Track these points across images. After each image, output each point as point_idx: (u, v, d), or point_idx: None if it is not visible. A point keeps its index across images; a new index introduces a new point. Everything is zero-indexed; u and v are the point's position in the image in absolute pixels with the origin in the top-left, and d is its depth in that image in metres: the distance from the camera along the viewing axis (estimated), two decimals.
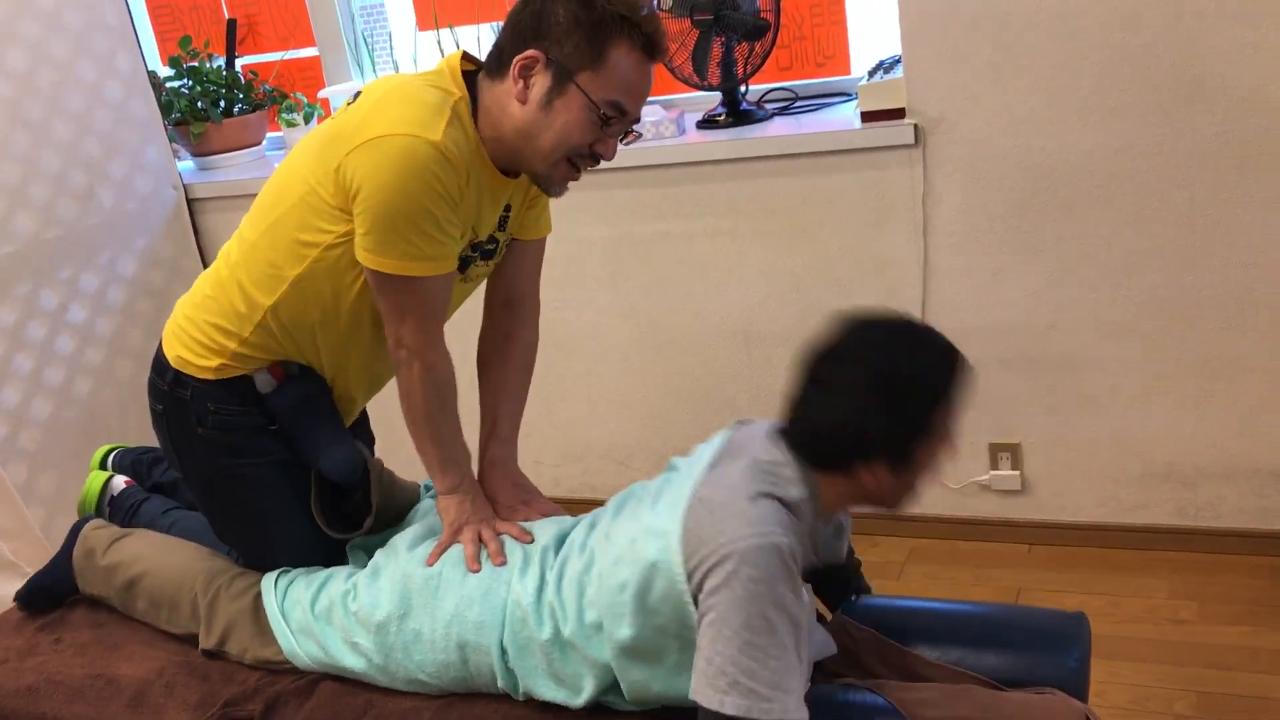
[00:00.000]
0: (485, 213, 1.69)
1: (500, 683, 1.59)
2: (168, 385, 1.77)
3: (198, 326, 1.74)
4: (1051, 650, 1.64)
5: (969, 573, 2.67)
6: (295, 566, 1.82)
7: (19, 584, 2.63)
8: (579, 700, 1.55)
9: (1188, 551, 2.59)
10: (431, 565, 1.67)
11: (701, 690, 1.35)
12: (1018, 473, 2.68)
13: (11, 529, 2.69)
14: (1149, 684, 2.22)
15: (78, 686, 1.80)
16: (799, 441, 1.47)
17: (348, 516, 1.84)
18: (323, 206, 1.61)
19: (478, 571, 1.64)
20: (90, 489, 2.15)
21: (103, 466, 2.21)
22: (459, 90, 1.60)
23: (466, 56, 1.67)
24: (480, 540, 1.69)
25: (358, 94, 1.65)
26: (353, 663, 1.67)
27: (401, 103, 1.56)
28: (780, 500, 1.41)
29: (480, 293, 1.93)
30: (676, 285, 2.83)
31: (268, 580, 1.79)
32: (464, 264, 1.72)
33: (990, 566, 2.68)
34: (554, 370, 3.05)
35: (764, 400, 2.86)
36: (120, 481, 2.15)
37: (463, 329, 1.97)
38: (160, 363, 1.80)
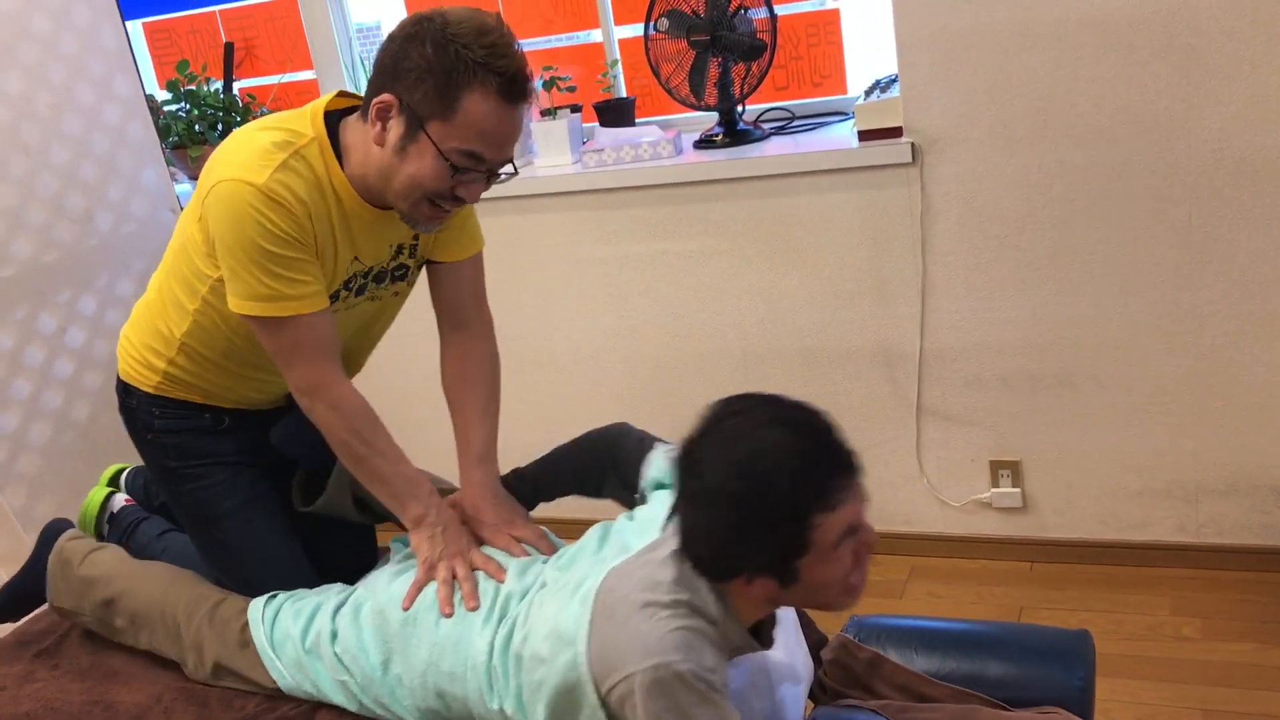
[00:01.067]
0: (362, 243, 1.67)
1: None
2: (120, 397, 1.88)
3: (134, 345, 1.83)
4: (1055, 669, 1.63)
5: (971, 591, 2.66)
6: (263, 570, 1.79)
7: None
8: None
9: (1190, 568, 2.58)
10: (406, 608, 1.63)
11: None
12: (1019, 490, 2.68)
13: (9, 554, 2.68)
14: (1154, 702, 2.21)
15: (75, 713, 1.78)
16: (690, 557, 1.38)
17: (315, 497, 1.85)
18: (197, 250, 1.65)
19: (450, 615, 1.60)
20: (91, 502, 2.14)
21: (113, 483, 2.20)
22: (311, 131, 1.60)
23: (343, 93, 1.68)
24: (455, 578, 1.64)
25: None
26: (344, 701, 1.66)
27: (235, 149, 1.58)
28: (690, 607, 1.35)
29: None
30: (674, 305, 2.83)
31: (254, 611, 1.75)
32: (358, 290, 1.72)
33: (992, 584, 2.67)
34: (551, 390, 3.05)
35: None
36: (121, 499, 2.14)
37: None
38: (117, 377, 1.89)
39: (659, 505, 1.59)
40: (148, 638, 1.85)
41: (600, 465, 1.82)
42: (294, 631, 1.71)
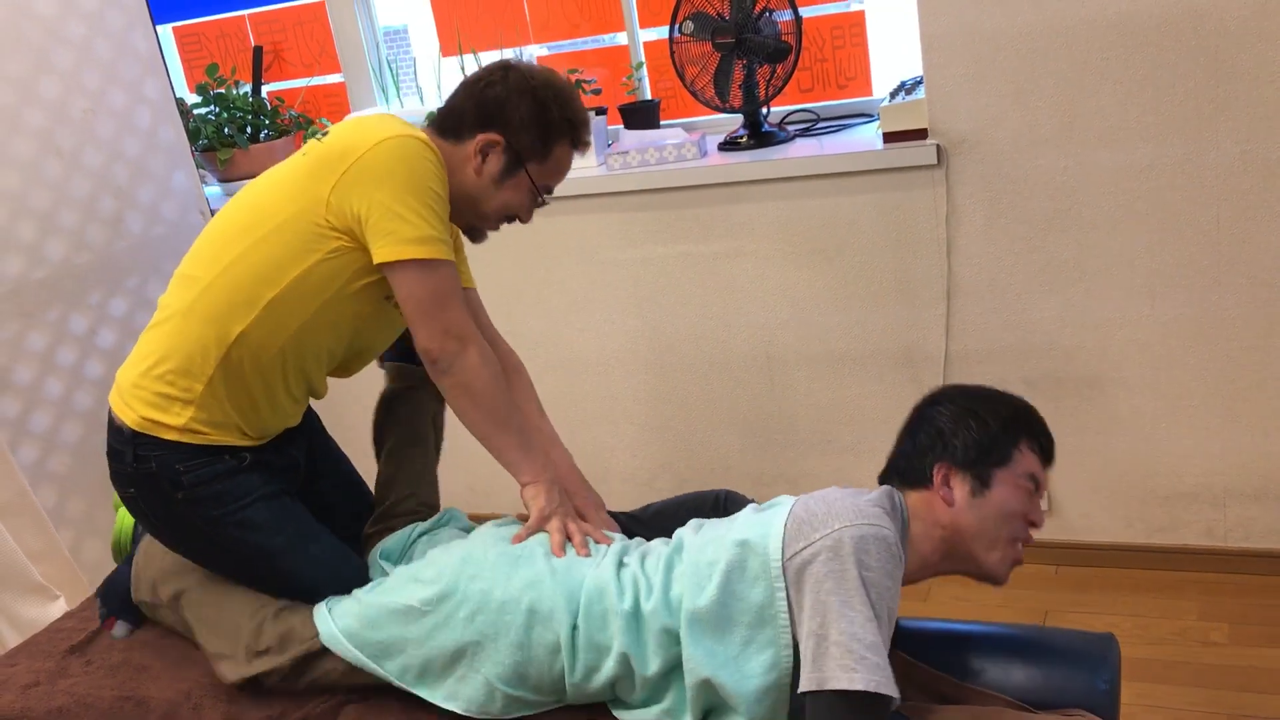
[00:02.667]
0: None
1: (560, 660, 1.59)
2: (131, 463, 1.74)
3: (146, 389, 1.72)
4: (1081, 672, 1.62)
5: (996, 594, 2.65)
6: (334, 587, 1.79)
7: (49, 606, 2.66)
8: (645, 671, 1.56)
9: (1218, 572, 2.57)
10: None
11: (831, 674, 1.36)
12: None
13: (42, 552, 2.72)
14: (1181, 707, 2.19)
15: (107, 709, 1.81)
16: (894, 465, 1.66)
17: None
18: (311, 229, 1.67)
19: (561, 557, 1.68)
20: (123, 526, 2.14)
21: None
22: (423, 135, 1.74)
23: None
24: (566, 532, 1.74)
25: (325, 133, 1.81)
26: (412, 597, 1.65)
27: (382, 121, 1.72)
28: (889, 511, 1.52)
29: None
30: (699, 307, 2.83)
31: (320, 611, 1.75)
32: None
33: (1017, 588, 2.66)
34: (576, 392, 3.06)
35: (787, 421, 2.85)
36: None
37: None
38: (119, 436, 1.75)
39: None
40: (206, 634, 1.83)
41: (708, 513, 1.88)
42: (359, 596, 1.74)
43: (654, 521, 1.91)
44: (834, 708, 1.36)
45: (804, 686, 1.39)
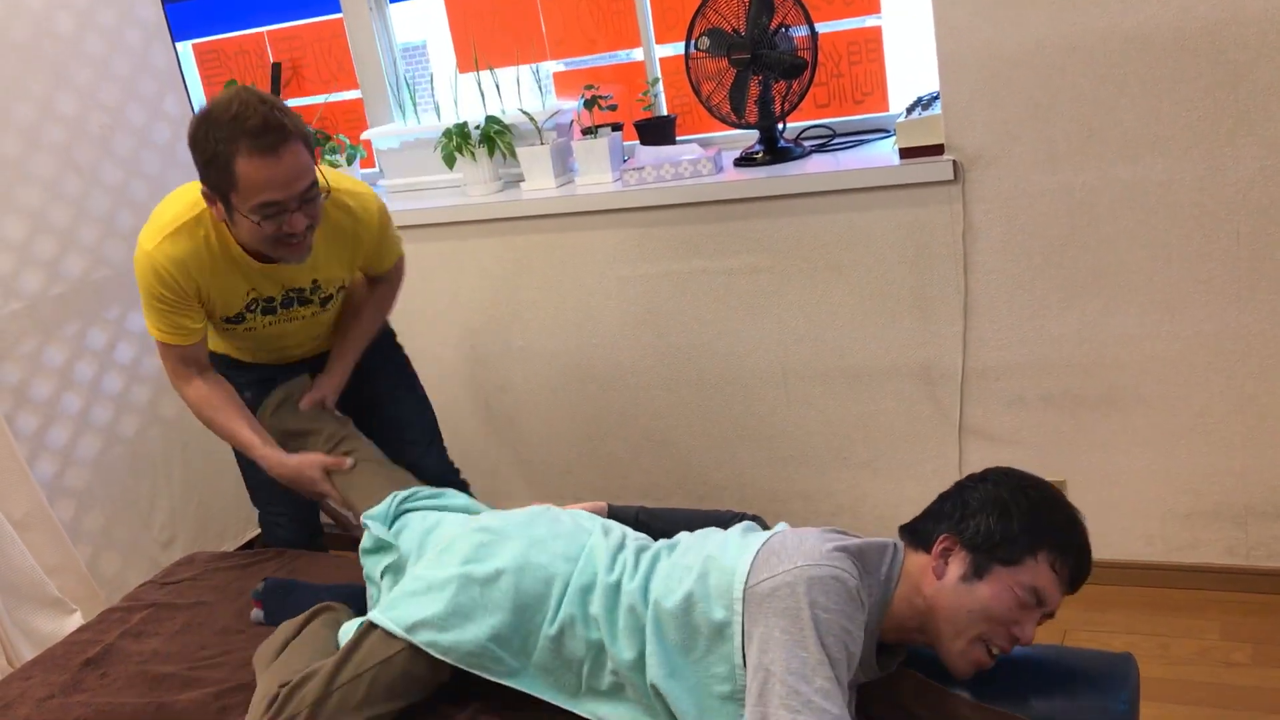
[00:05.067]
0: (260, 282, 2.11)
1: (549, 607, 1.65)
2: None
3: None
4: (1099, 692, 1.61)
5: None
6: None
7: (65, 620, 2.67)
8: (618, 653, 1.60)
9: (1240, 592, 2.54)
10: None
11: (774, 713, 1.37)
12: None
13: (58, 566, 2.73)
14: None
15: (131, 715, 1.81)
16: (913, 521, 1.64)
17: None
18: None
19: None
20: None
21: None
22: (201, 205, 2.00)
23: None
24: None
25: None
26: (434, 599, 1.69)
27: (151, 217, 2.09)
28: (858, 556, 1.53)
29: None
30: (714, 322, 2.83)
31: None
32: (267, 309, 2.16)
33: None
34: (591, 406, 3.05)
35: (802, 438, 2.84)
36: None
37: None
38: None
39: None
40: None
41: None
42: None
43: (667, 519, 1.94)
44: None
45: (747, 718, 1.41)
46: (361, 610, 1.92)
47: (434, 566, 1.72)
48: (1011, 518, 1.54)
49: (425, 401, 2.51)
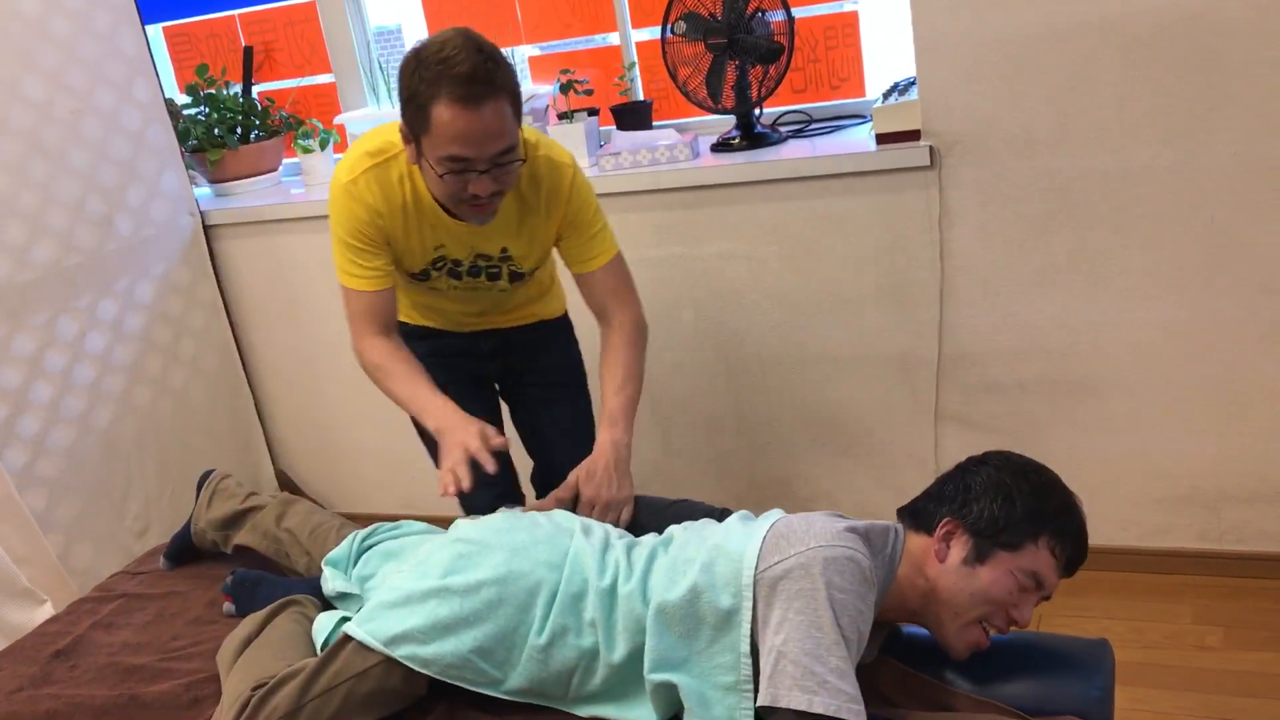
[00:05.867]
0: (447, 239, 2.00)
1: (535, 617, 1.61)
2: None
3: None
4: (1075, 677, 1.61)
5: None
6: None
7: (35, 611, 2.64)
8: (611, 655, 1.57)
9: (1212, 576, 2.56)
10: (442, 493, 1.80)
11: (785, 693, 1.36)
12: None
13: (28, 556, 2.70)
14: (1174, 712, 2.19)
15: (102, 707, 1.80)
16: (913, 503, 1.63)
17: None
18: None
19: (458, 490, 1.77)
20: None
21: None
22: (400, 144, 1.90)
23: None
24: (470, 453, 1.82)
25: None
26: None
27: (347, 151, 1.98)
28: (865, 537, 1.52)
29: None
30: (691, 308, 2.82)
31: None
32: (454, 272, 2.06)
33: None
34: None
35: (780, 424, 2.84)
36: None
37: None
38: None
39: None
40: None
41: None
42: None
43: (661, 510, 1.94)
44: None
45: (760, 701, 1.40)
46: (328, 604, 1.90)
47: (413, 578, 1.68)
48: (1014, 503, 1.55)
49: (584, 401, 2.40)
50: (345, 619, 1.79)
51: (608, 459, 1.98)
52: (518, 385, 2.34)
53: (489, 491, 2.16)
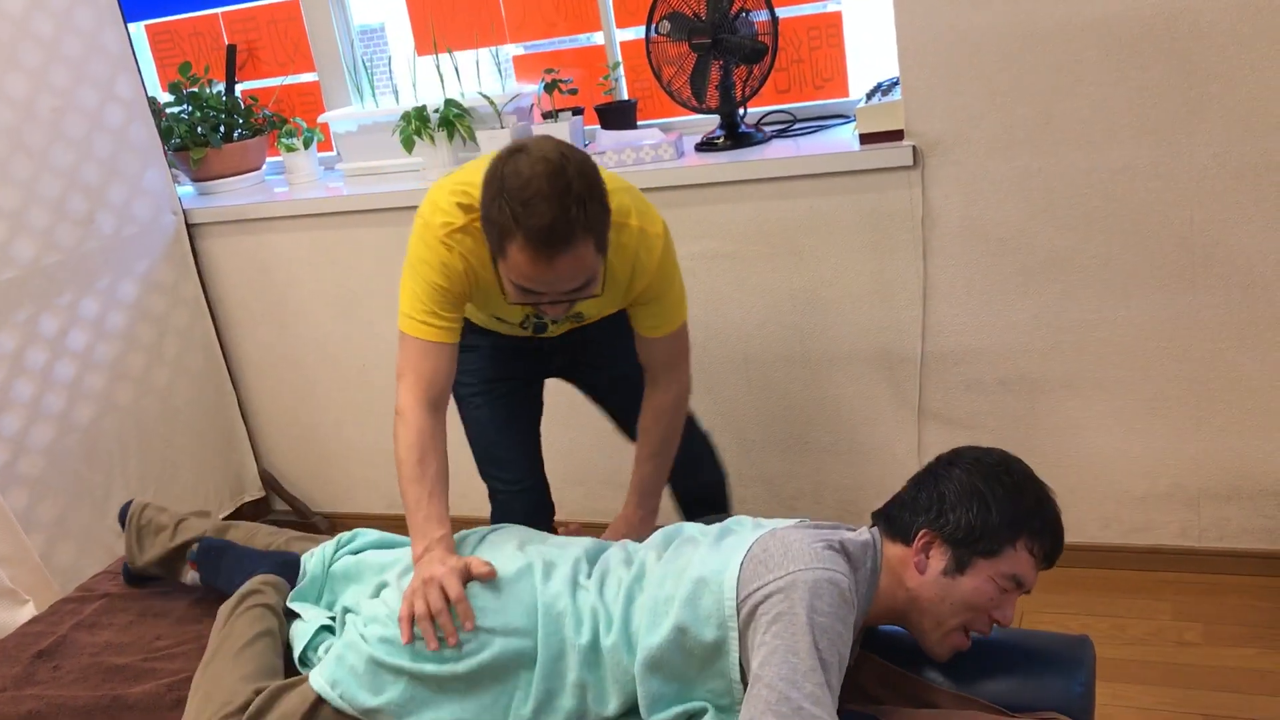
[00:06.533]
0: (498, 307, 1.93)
1: (516, 686, 1.57)
2: None
3: None
4: (1056, 674, 1.62)
5: None
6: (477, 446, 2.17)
7: (17, 611, 2.63)
8: (603, 710, 1.55)
9: (1192, 573, 2.58)
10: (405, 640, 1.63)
11: (762, 717, 1.35)
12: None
13: (10, 556, 2.68)
14: (1155, 707, 2.20)
15: (85, 707, 1.79)
16: (888, 509, 1.62)
17: None
18: None
19: (407, 642, 1.60)
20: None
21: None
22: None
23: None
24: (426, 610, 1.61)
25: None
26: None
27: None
28: (845, 554, 1.51)
29: None
30: None
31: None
32: (538, 327, 2.04)
33: None
34: (553, 394, 3.04)
35: (764, 422, 2.85)
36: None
37: None
38: None
39: (752, 520, 1.70)
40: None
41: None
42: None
43: None
44: None
45: None
46: (293, 581, 1.88)
47: (383, 648, 1.61)
48: (990, 508, 1.55)
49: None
50: (326, 628, 1.78)
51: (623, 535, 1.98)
52: (586, 368, 2.22)
53: (520, 500, 2.20)
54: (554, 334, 2.09)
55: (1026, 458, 2.61)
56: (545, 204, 1.58)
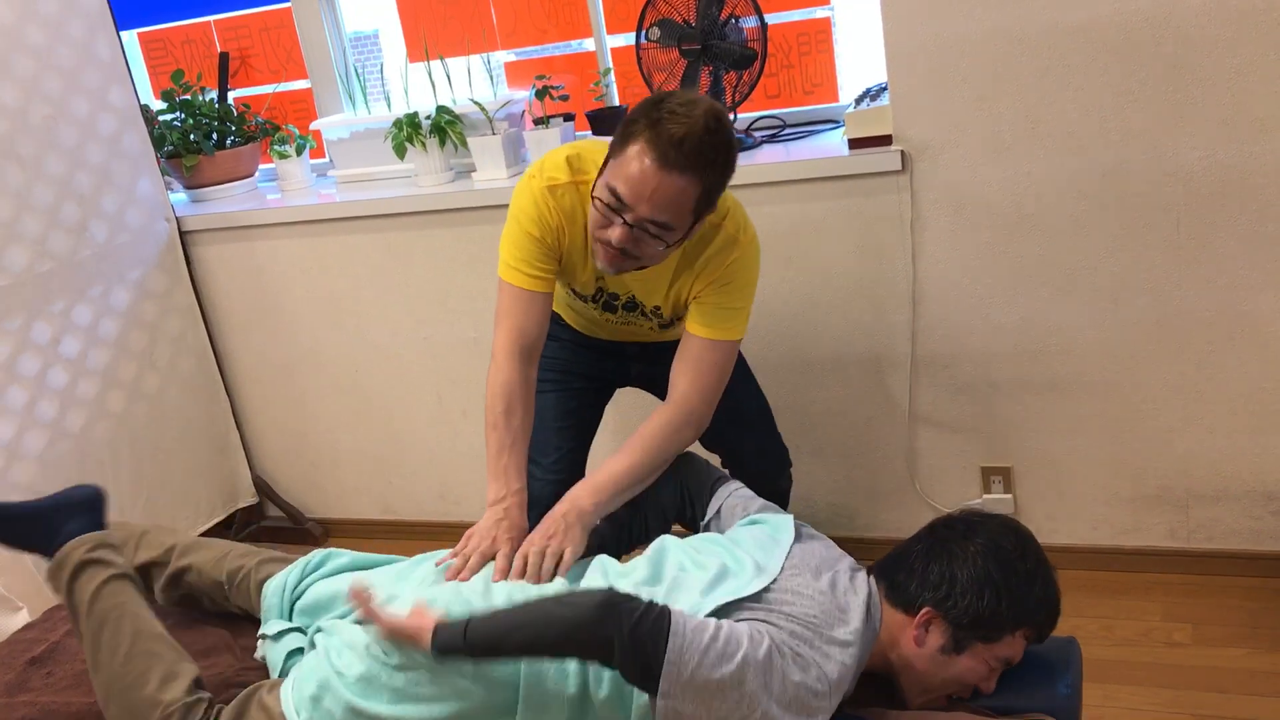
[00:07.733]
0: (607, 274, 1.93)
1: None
2: None
3: None
4: (1043, 677, 1.64)
5: None
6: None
7: (11, 618, 2.63)
8: None
9: (1181, 574, 2.59)
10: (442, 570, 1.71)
11: None
12: (1010, 496, 2.69)
13: (4, 563, 2.69)
14: (1144, 708, 2.21)
15: (77, 713, 1.80)
16: (890, 565, 1.63)
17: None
18: None
19: (451, 579, 1.66)
20: None
21: None
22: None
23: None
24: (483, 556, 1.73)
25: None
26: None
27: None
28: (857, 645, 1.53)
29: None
30: None
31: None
32: (609, 306, 2.06)
33: None
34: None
35: None
36: None
37: None
38: None
39: (728, 540, 1.70)
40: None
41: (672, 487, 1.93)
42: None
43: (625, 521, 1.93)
44: None
45: None
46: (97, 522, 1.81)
47: (357, 686, 1.55)
48: (999, 599, 1.56)
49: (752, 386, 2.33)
50: (297, 650, 1.74)
51: (563, 511, 1.80)
52: (663, 381, 2.04)
53: (549, 489, 2.13)
54: (615, 301, 2.04)
55: (1016, 460, 2.65)
56: (691, 122, 1.65)
